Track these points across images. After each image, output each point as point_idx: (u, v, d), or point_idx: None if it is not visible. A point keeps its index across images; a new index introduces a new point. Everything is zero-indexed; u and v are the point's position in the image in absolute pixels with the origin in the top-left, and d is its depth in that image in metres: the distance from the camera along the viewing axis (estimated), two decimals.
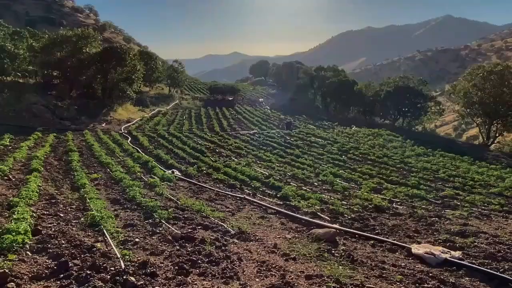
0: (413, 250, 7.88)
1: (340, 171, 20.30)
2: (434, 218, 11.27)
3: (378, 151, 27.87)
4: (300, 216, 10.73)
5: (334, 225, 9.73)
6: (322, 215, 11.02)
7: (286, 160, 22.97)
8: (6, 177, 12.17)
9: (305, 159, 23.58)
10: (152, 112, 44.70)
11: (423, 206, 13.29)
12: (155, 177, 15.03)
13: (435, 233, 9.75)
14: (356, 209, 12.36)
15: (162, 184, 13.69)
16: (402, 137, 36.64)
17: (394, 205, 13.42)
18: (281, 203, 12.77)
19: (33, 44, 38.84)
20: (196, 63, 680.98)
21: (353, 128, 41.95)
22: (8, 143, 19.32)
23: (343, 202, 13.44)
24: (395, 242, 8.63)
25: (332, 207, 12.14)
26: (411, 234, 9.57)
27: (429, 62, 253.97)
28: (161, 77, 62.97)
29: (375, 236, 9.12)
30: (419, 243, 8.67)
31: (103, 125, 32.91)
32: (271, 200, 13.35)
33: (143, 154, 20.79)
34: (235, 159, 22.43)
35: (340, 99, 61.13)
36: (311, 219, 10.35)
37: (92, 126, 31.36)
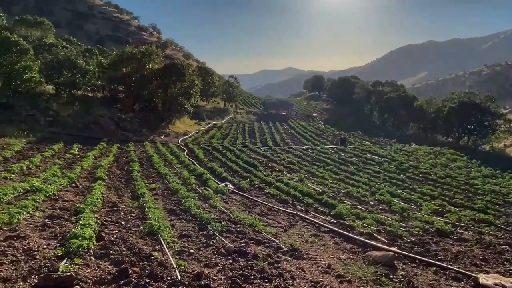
0: (480, 280, 7.21)
1: (398, 190, 19.38)
2: (504, 246, 10.30)
3: (440, 171, 26.29)
4: (355, 237, 10.33)
5: (392, 248, 9.22)
6: (379, 237, 10.52)
7: (340, 177, 22.41)
8: (74, 184, 13.09)
9: (360, 176, 22.86)
10: (208, 126, 46.07)
11: (492, 233, 12.22)
12: (209, 189, 15.35)
13: (505, 262, 8.88)
14: (416, 232, 11.66)
15: (216, 197, 13.92)
16: (467, 157, 34.29)
17: (458, 230, 12.48)
18: (335, 221, 12.41)
19: (102, 60, 42.06)
20: (251, 78, 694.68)
21: (412, 146, 40.06)
22: (76, 152, 20.86)
23: (401, 223, 12.76)
24: (460, 270, 7.97)
25: (390, 228, 11.56)
26: (478, 263, 8.79)
27: (498, 77, 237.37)
28: (217, 92, 64.92)
29: (438, 263, 8.49)
30: (487, 272, 7.93)
31: (162, 137, 34.44)
32: (324, 218, 13.03)
33: (198, 166, 21.38)
34: (288, 174, 22.30)
35: (399, 115, 58.90)
36: (367, 240, 9.91)
37: (152, 138, 32.95)
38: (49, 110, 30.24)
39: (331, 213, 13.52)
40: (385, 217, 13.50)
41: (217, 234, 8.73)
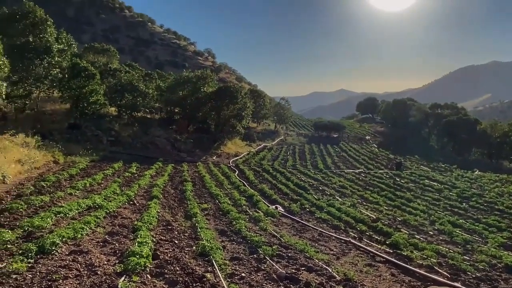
0: None
1: (460, 220, 18.04)
2: None
3: (508, 201, 24.14)
4: (414, 269, 9.68)
5: (456, 284, 8.52)
6: (440, 270, 9.78)
7: (395, 203, 21.36)
8: (131, 202, 13.70)
9: (417, 204, 21.64)
10: (258, 147, 46.45)
11: None
12: (259, 211, 15.32)
13: None
14: (481, 267, 10.71)
15: (266, 219, 13.84)
16: None
17: None
18: (391, 251, 11.76)
19: (160, 84, 44.46)
20: (302, 100, 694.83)
21: (475, 172, 37.38)
22: (134, 171, 21.91)
23: (464, 257, 11.80)
24: None
25: (452, 262, 10.73)
26: None
27: None
28: (268, 114, 65.61)
29: None
30: None
31: (214, 158, 35.22)
32: (379, 246, 12.40)
33: (249, 187, 21.48)
34: (339, 199, 21.69)
35: (460, 139, 55.57)
36: (427, 274, 9.25)
37: (204, 158, 33.81)
38: (111, 131, 32.27)
39: (387, 242, 12.84)
40: (446, 249, 12.57)
41: (268, 258, 8.62)
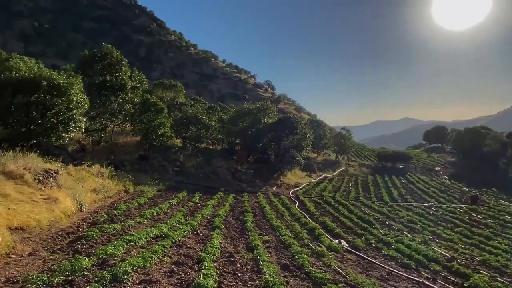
0: None
1: None
2: None
3: None
4: None
5: None
6: None
7: (472, 241, 19.49)
8: (195, 231, 13.99)
9: (498, 242, 19.56)
10: (319, 178, 45.61)
11: None
12: (322, 245, 14.79)
13: None
14: None
15: (329, 254, 13.29)
16: None
17: None
18: None
19: (222, 116, 46.18)
20: (363, 129, 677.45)
21: None
22: (197, 201, 22.53)
23: None
24: None
25: None
26: None
27: None
28: (329, 144, 64.69)
29: None
30: None
31: (274, 188, 35.14)
32: None
33: (310, 220, 20.96)
34: (409, 235, 20.28)
35: None
36: None
37: (264, 189, 33.87)
38: (176, 161, 33.80)
39: (465, 285, 11.68)
40: None
41: None
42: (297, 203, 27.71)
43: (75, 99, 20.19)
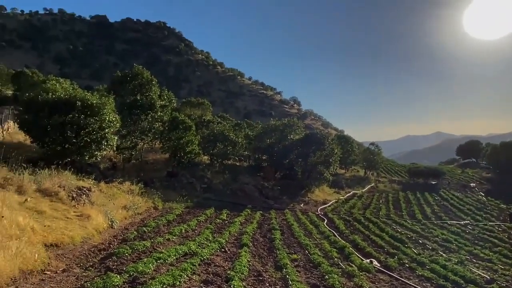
0: None
1: None
2: None
3: None
4: None
5: None
6: None
7: None
8: (223, 249, 13.93)
9: None
10: (347, 195, 44.70)
11: None
12: (352, 265, 14.35)
13: None
14: None
15: (361, 274, 12.88)
16: None
17: None
18: None
19: (249, 133, 46.53)
20: (393, 144, 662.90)
21: None
22: (225, 218, 22.51)
23: None
24: None
25: None
26: None
27: None
28: (357, 160, 63.59)
29: None
30: None
31: (301, 205, 34.69)
32: None
33: (339, 238, 20.46)
34: (444, 254, 19.40)
35: None
36: None
37: (291, 205, 33.50)
38: (204, 178, 34.11)
39: None
40: None
41: None
42: (326, 220, 27.17)
43: (107, 118, 20.92)
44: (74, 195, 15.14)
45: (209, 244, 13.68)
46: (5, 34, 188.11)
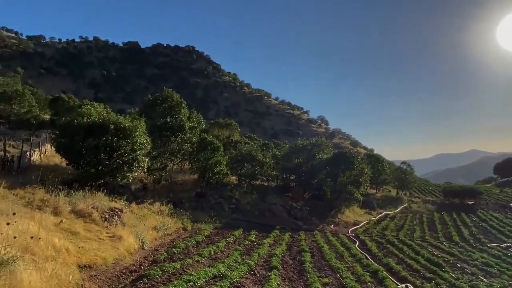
0: None
1: None
2: None
3: None
4: None
5: None
6: None
7: None
8: (252, 272, 13.74)
9: None
10: (379, 216, 43.33)
11: None
12: None
13: None
14: None
15: None
16: None
17: None
18: None
19: (276, 153, 46.39)
20: (425, 163, 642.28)
21: None
22: (253, 239, 22.30)
23: None
24: None
25: None
26: None
27: None
28: (388, 179, 61.86)
29: None
30: None
31: (331, 226, 33.90)
32: None
33: (372, 261, 19.76)
34: (484, 279, 18.31)
35: None
36: None
37: (321, 227, 32.80)
38: (232, 199, 34.12)
39: None
40: None
41: None
42: (357, 242, 26.35)
43: (139, 140, 21.52)
44: (107, 216, 15.48)
45: (238, 267, 13.55)
46: (43, 61, 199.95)
